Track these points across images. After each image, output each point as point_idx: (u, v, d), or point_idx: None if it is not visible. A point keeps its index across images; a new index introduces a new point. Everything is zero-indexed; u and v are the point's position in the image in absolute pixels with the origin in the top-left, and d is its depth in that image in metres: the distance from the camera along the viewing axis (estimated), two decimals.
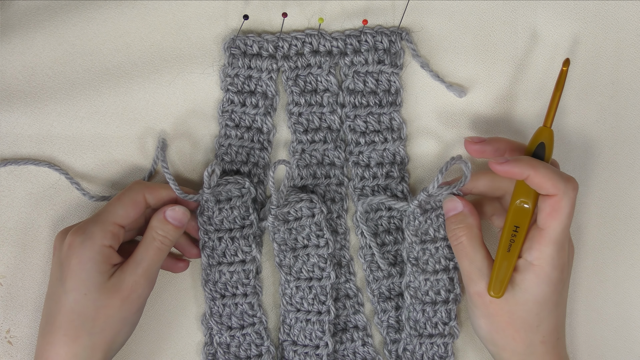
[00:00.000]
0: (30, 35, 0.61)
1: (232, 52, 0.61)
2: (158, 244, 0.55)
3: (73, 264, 0.53)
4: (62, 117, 0.61)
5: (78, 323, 0.52)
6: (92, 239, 0.53)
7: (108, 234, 0.54)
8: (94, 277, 0.53)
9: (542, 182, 0.51)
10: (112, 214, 0.55)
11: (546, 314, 0.53)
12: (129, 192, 0.56)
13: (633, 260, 0.62)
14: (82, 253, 0.53)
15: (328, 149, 0.61)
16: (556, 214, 0.51)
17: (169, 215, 0.56)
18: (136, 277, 0.54)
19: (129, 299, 0.54)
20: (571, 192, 0.51)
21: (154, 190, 0.56)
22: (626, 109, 0.62)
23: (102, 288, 0.53)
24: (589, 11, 0.62)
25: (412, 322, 0.58)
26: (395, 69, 0.60)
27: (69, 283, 0.53)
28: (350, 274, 0.61)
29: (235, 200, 0.59)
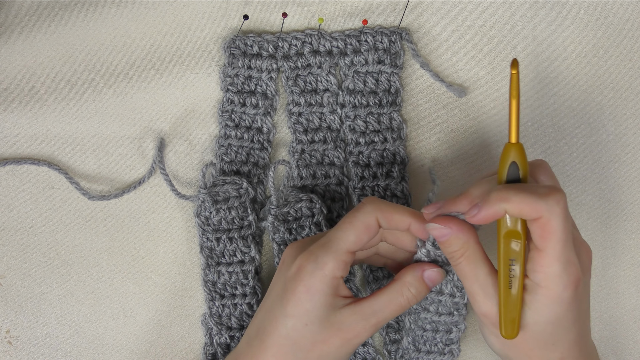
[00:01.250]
0: (30, 35, 0.61)
1: (232, 52, 0.61)
2: (404, 300, 0.50)
3: (299, 291, 0.49)
4: (62, 117, 0.61)
5: (289, 350, 0.50)
6: (323, 270, 0.49)
7: (341, 264, 0.49)
8: (319, 310, 0.49)
9: (520, 211, 0.45)
10: (344, 241, 0.50)
11: (562, 332, 0.49)
12: (361, 215, 0.50)
13: (633, 260, 0.62)
14: (312, 283, 0.49)
15: (328, 149, 0.61)
16: (548, 235, 0.45)
17: (427, 277, 0.51)
18: (367, 326, 0.50)
19: (350, 342, 0.50)
20: (555, 207, 0.45)
21: (386, 213, 0.51)
22: (626, 108, 0.62)
23: (326, 322, 0.49)
24: (589, 11, 0.62)
25: (411, 339, 0.58)
26: (395, 69, 0.60)
27: (291, 309, 0.49)
28: (350, 274, 0.61)
29: (233, 201, 0.59)
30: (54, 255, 0.61)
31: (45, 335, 0.61)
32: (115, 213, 0.61)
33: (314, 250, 0.50)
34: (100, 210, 0.61)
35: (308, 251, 0.50)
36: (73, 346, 0.61)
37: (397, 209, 0.51)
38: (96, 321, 0.61)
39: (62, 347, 0.61)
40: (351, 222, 0.50)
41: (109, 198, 0.61)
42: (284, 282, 0.50)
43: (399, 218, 0.51)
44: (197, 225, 0.59)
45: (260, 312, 0.52)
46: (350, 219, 0.50)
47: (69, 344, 0.61)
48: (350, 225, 0.50)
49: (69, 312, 0.61)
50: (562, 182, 0.62)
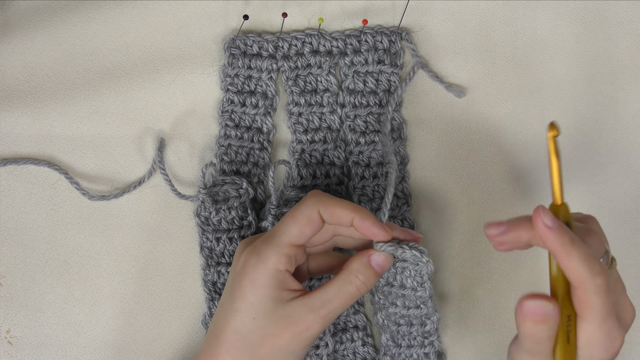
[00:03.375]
0: (30, 35, 0.61)
1: (232, 52, 0.61)
2: (353, 289, 0.49)
3: (244, 285, 0.49)
4: (62, 117, 0.61)
5: (240, 345, 0.49)
6: (264, 263, 0.49)
7: (283, 257, 0.49)
8: (265, 303, 0.49)
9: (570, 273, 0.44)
10: (286, 234, 0.50)
11: None
12: (303, 208, 0.50)
13: (633, 260, 0.62)
14: (255, 277, 0.49)
15: (328, 149, 0.61)
16: (587, 307, 0.45)
17: (374, 261, 0.50)
18: (317, 318, 0.49)
19: (302, 336, 0.49)
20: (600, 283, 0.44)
21: (329, 206, 0.50)
22: (626, 108, 0.62)
23: (274, 315, 0.49)
24: (589, 11, 0.62)
25: (389, 335, 0.58)
26: (395, 69, 0.60)
27: (238, 303, 0.49)
28: None
29: (232, 201, 0.59)
30: (54, 255, 0.61)
31: (45, 335, 0.61)
32: (115, 213, 0.61)
33: (257, 245, 0.50)
34: (100, 210, 0.61)
35: (252, 246, 0.50)
36: (73, 346, 0.61)
37: (339, 203, 0.50)
38: (96, 321, 0.61)
39: (62, 347, 0.61)
40: (293, 216, 0.50)
41: (109, 198, 0.61)
42: (233, 278, 0.51)
43: (341, 212, 0.50)
44: (197, 226, 0.59)
45: (217, 307, 0.53)
46: (293, 213, 0.50)
47: (69, 344, 0.61)
48: (292, 219, 0.50)
49: (69, 312, 0.61)
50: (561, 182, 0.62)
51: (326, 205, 0.50)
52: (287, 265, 0.49)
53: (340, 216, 0.50)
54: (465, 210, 0.61)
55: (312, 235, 0.50)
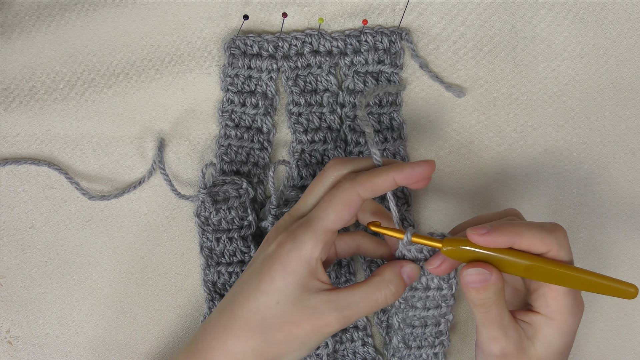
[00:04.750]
0: (30, 35, 0.61)
1: (232, 52, 0.61)
2: (382, 297, 0.49)
3: (275, 269, 0.48)
4: (62, 117, 0.61)
5: (257, 325, 0.49)
6: (299, 250, 0.48)
7: (319, 244, 0.48)
8: (293, 290, 0.48)
9: (530, 244, 0.48)
10: (325, 220, 0.48)
11: (565, 357, 0.51)
12: (339, 193, 0.49)
13: (633, 260, 0.62)
14: (287, 262, 0.48)
15: (328, 149, 0.61)
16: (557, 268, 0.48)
17: (405, 273, 0.50)
18: (340, 317, 0.48)
19: (320, 331, 0.49)
20: (563, 240, 0.48)
21: (367, 183, 0.48)
22: (626, 108, 0.62)
23: (299, 304, 0.48)
24: (589, 11, 0.62)
25: (400, 338, 0.58)
26: (395, 69, 0.60)
27: (265, 285, 0.48)
28: (350, 274, 0.61)
29: (232, 201, 0.59)
30: (54, 255, 0.61)
31: (45, 335, 0.61)
32: (115, 213, 0.61)
33: (294, 230, 0.49)
34: (100, 210, 0.61)
35: (289, 230, 0.49)
36: (73, 346, 0.61)
37: (374, 175, 0.49)
38: (96, 321, 0.61)
39: (62, 347, 0.61)
40: (330, 201, 0.49)
41: (109, 198, 0.61)
42: (263, 259, 0.50)
43: (381, 182, 0.48)
44: (197, 226, 0.59)
45: (236, 285, 0.51)
46: (330, 197, 0.49)
47: (69, 344, 0.61)
48: (328, 204, 0.49)
49: (69, 312, 0.61)
50: (562, 182, 0.62)
51: (363, 183, 0.48)
52: (322, 253, 0.49)
53: (382, 186, 0.49)
54: (466, 210, 0.61)
55: (350, 219, 0.49)
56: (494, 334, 0.49)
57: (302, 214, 0.51)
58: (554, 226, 0.49)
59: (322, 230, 0.48)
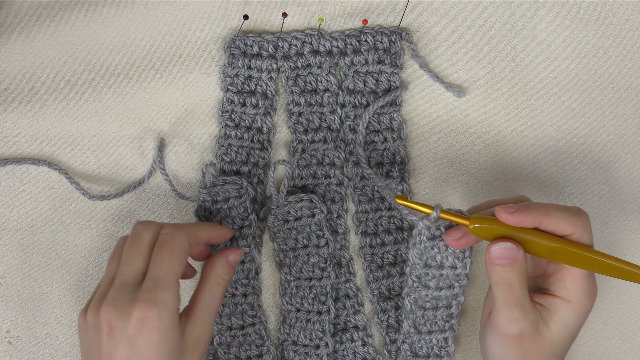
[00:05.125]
0: (30, 35, 0.61)
1: (232, 52, 0.61)
2: (222, 288, 0.54)
3: (155, 340, 0.47)
4: (62, 117, 0.61)
5: None
6: (169, 309, 0.48)
7: (177, 295, 0.49)
8: (176, 343, 0.49)
9: (557, 225, 0.49)
10: (173, 273, 0.49)
11: (571, 341, 0.52)
12: (174, 244, 0.50)
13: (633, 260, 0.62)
14: (163, 326, 0.47)
15: (328, 149, 0.61)
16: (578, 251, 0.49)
17: (232, 261, 0.55)
18: (208, 326, 0.52)
19: (204, 349, 0.52)
20: (586, 223, 0.50)
21: (194, 235, 0.53)
22: (626, 108, 0.62)
23: (182, 349, 0.49)
24: (589, 11, 0.62)
25: (411, 322, 0.58)
26: (395, 68, 0.60)
27: None
28: (350, 274, 0.61)
29: (233, 201, 0.59)
30: (54, 255, 0.61)
31: (45, 335, 0.61)
32: (115, 213, 0.61)
33: (148, 297, 0.47)
34: (100, 210, 0.61)
35: (142, 300, 0.47)
36: (73, 346, 0.61)
37: (200, 228, 0.54)
38: None
39: (62, 347, 0.61)
40: (172, 254, 0.50)
41: (109, 198, 0.61)
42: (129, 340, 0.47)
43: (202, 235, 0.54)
44: None
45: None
46: (170, 252, 0.50)
47: (69, 344, 0.61)
48: (171, 257, 0.50)
49: (69, 312, 0.61)
50: (561, 181, 0.62)
51: (192, 235, 0.52)
52: (179, 300, 0.49)
53: (204, 237, 0.54)
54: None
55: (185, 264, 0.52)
56: (515, 314, 0.50)
57: (133, 279, 0.49)
58: (578, 210, 0.50)
59: (174, 283, 0.49)
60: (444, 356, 0.58)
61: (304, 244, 0.60)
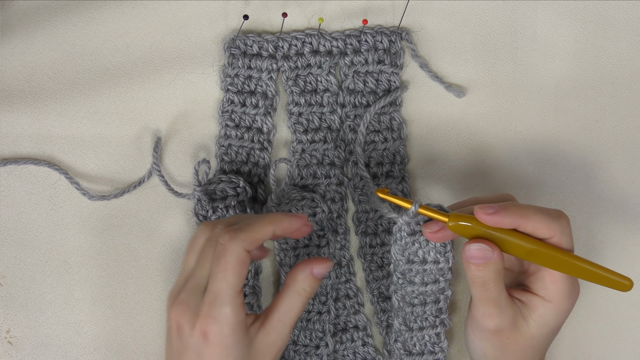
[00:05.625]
0: (30, 35, 0.61)
1: (232, 52, 0.61)
2: (303, 299, 0.51)
3: (218, 353, 0.48)
4: (62, 117, 0.61)
5: None
6: (229, 325, 0.48)
7: (239, 307, 0.48)
8: (242, 355, 0.49)
9: (535, 228, 0.49)
10: (231, 287, 0.48)
11: (551, 338, 0.53)
12: (228, 257, 0.48)
13: (633, 260, 0.62)
14: (225, 342, 0.48)
15: (328, 149, 0.61)
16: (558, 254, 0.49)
17: (316, 273, 0.52)
18: (284, 337, 0.51)
19: (277, 356, 0.51)
20: (566, 227, 0.50)
21: (252, 239, 0.49)
22: (626, 108, 0.62)
23: (250, 356, 0.49)
24: (589, 11, 0.62)
25: (401, 319, 0.58)
26: (395, 68, 0.60)
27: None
28: (350, 274, 0.61)
29: (230, 200, 0.59)
30: (54, 255, 0.61)
31: (45, 335, 0.61)
32: (115, 213, 0.61)
33: (208, 312, 0.48)
34: (100, 210, 0.61)
35: (203, 315, 0.48)
36: (73, 346, 0.61)
37: (257, 229, 0.50)
38: (96, 321, 0.61)
39: (62, 347, 0.61)
40: (225, 269, 0.48)
41: (109, 198, 0.61)
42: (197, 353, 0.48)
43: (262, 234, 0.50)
44: (196, 225, 0.59)
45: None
46: (224, 266, 0.48)
47: (69, 344, 0.61)
48: (225, 272, 0.48)
49: (69, 312, 0.61)
50: (562, 182, 0.62)
51: (249, 240, 0.49)
52: (243, 311, 0.49)
53: (265, 237, 0.50)
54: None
55: (247, 271, 0.50)
56: (491, 311, 0.51)
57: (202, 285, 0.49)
58: (558, 213, 0.50)
59: (234, 297, 0.48)
60: (437, 352, 0.58)
61: (304, 243, 0.60)
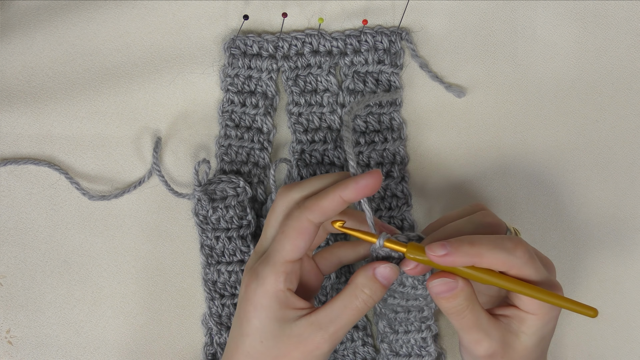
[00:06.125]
0: (30, 35, 0.61)
1: (232, 52, 0.61)
2: (360, 303, 0.48)
3: (249, 310, 0.48)
4: (62, 117, 0.61)
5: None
6: (264, 286, 0.48)
7: (280, 276, 0.47)
8: (270, 325, 0.48)
9: (491, 265, 0.47)
10: (281, 252, 0.48)
11: (547, 343, 0.52)
12: (290, 222, 0.48)
13: (633, 260, 0.62)
14: (256, 301, 0.48)
15: (328, 149, 0.61)
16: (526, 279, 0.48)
17: (379, 274, 0.49)
18: (326, 336, 0.48)
19: (312, 355, 0.48)
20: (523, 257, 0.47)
21: (314, 207, 0.47)
22: (626, 108, 0.62)
23: (282, 336, 0.48)
24: (589, 11, 0.62)
25: (386, 322, 0.58)
26: (395, 69, 0.60)
27: (245, 327, 0.49)
28: (350, 274, 0.61)
29: (230, 200, 0.59)
30: (54, 255, 0.61)
31: (45, 335, 0.61)
32: (115, 213, 0.61)
33: (255, 267, 0.49)
34: (100, 210, 0.61)
35: (252, 269, 0.49)
36: (73, 346, 0.61)
37: (322, 197, 0.47)
38: (96, 321, 0.61)
39: (62, 347, 0.61)
40: (283, 232, 0.48)
41: (109, 198, 0.61)
42: (239, 302, 0.50)
43: (329, 204, 0.47)
44: (196, 224, 0.60)
45: (229, 334, 0.52)
46: (282, 229, 0.48)
47: (69, 344, 0.61)
48: (282, 235, 0.48)
49: (69, 312, 0.61)
50: (562, 182, 0.62)
51: (311, 208, 0.48)
52: (287, 284, 0.48)
53: (330, 207, 0.48)
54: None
55: (308, 245, 0.48)
56: (475, 337, 0.49)
57: (265, 249, 0.50)
58: (514, 245, 0.47)
59: (281, 263, 0.48)
60: (425, 356, 0.58)
61: None
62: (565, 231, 0.61)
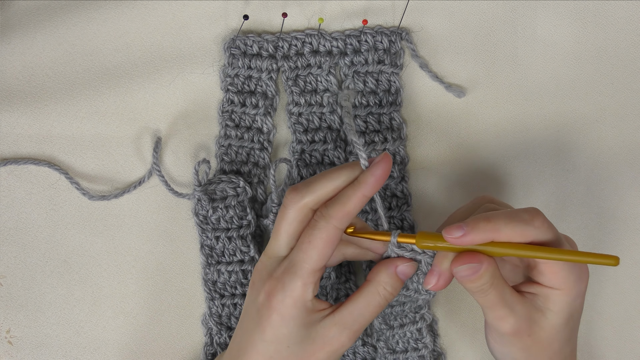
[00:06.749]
0: (30, 35, 0.61)
1: (232, 52, 0.61)
2: (382, 300, 0.49)
3: (274, 319, 0.48)
4: (62, 117, 0.61)
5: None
6: (292, 297, 0.48)
7: (309, 287, 0.48)
8: (297, 332, 0.48)
9: (510, 238, 0.47)
10: (309, 262, 0.48)
11: (576, 324, 0.51)
12: (318, 233, 0.48)
13: (632, 260, 0.62)
14: (284, 311, 0.48)
15: (328, 149, 0.61)
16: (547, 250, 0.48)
17: (400, 272, 0.50)
18: (350, 334, 0.49)
19: (335, 353, 0.49)
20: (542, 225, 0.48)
21: (342, 215, 0.48)
22: (626, 108, 0.62)
23: (308, 339, 0.48)
24: (589, 11, 0.62)
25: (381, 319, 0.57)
26: (395, 69, 0.60)
27: (269, 334, 0.48)
28: (350, 273, 0.61)
29: (230, 200, 0.59)
30: (54, 255, 0.61)
31: (45, 335, 0.61)
32: (115, 213, 0.61)
33: (280, 277, 0.49)
34: (100, 210, 0.61)
35: (274, 278, 0.49)
36: (73, 346, 0.61)
37: (345, 202, 0.48)
38: (96, 321, 0.61)
39: (62, 347, 0.61)
40: (310, 242, 0.48)
41: (109, 198, 0.61)
42: (257, 309, 0.49)
43: (354, 205, 0.48)
44: (196, 224, 0.60)
45: (239, 332, 0.51)
46: (309, 239, 0.48)
47: (69, 344, 0.61)
48: (309, 245, 0.48)
49: (69, 312, 0.61)
50: (562, 182, 0.62)
51: (338, 216, 0.48)
52: (314, 292, 0.49)
53: (356, 209, 0.48)
54: None
55: (332, 252, 0.49)
56: (500, 313, 0.49)
57: (279, 254, 0.50)
58: (531, 215, 0.47)
59: (309, 273, 0.48)
60: (421, 349, 0.58)
61: None
62: (565, 231, 0.61)
